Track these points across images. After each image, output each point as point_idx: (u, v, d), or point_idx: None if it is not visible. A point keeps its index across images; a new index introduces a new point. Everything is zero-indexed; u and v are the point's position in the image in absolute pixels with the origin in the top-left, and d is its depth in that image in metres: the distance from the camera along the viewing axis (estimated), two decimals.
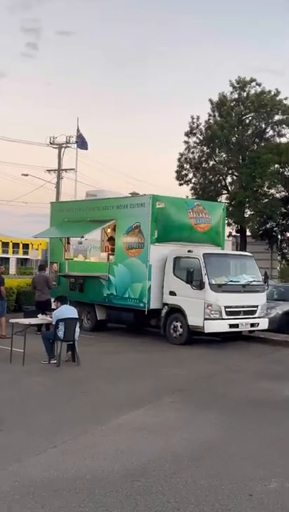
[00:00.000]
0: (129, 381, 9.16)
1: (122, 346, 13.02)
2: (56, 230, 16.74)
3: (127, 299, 14.05)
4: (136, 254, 13.94)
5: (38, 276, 15.41)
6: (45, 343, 10.48)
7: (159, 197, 13.96)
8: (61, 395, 8.15)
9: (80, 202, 17.97)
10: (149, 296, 13.48)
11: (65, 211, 16.91)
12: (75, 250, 18.30)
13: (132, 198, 14.89)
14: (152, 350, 12.59)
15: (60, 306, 10.78)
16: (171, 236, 13.94)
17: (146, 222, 13.63)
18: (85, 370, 9.99)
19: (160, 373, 9.92)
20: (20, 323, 11.19)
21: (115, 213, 14.81)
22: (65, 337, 10.28)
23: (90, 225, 15.50)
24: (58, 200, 28.48)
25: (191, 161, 32.60)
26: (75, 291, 15.52)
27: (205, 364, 11.05)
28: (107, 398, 7.99)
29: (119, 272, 14.33)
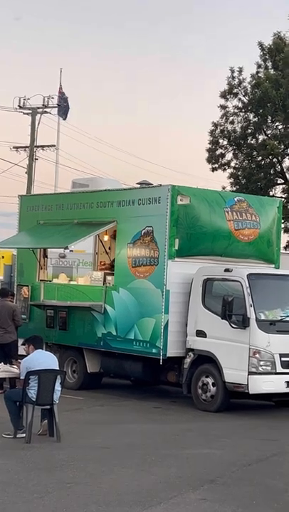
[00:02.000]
0: (136, 466, 9.13)
1: (124, 413, 13.00)
2: (27, 238, 16.85)
3: (132, 341, 14.06)
4: (146, 274, 13.99)
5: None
6: (9, 407, 10.47)
7: (183, 188, 14.01)
8: (32, 486, 8.11)
9: (62, 195, 18.12)
10: (165, 338, 13.50)
11: (41, 209, 17.03)
12: (55, 268, 18.39)
13: (141, 191, 14.97)
14: (170, 419, 12.57)
15: (32, 352, 10.79)
16: (200, 247, 14.00)
17: (162, 227, 13.71)
18: (69, 449, 9.97)
19: (182, 455, 9.89)
20: None
21: (115, 212, 14.89)
22: (38, 399, 10.28)
23: (78, 231, 15.59)
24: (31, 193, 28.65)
25: (230, 134, 32.74)
26: (54, 329, 15.56)
27: (250, 442, 11.00)
28: (102, 492, 7.94)
29: (121, 301, 14.37)
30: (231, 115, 32.80)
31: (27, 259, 16.93)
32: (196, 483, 8.42)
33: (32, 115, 34.33)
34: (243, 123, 32.76)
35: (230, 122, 32.83)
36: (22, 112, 34.41)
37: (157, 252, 13.75)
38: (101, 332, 14.67)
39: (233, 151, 33.01)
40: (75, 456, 9.63)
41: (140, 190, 15.21)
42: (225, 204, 14.54)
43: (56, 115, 33.93)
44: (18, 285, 17.00)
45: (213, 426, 12.06)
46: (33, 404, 10.32)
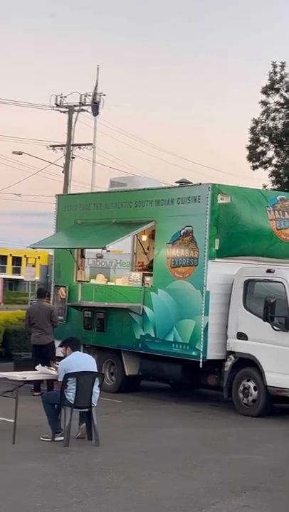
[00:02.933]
0: (176, 471, 9.13)
1: (163, 417, 13.00)
2: (65, 238, 16.93)
3: (171, 343, 14.06)
4: (186, 275, 13.99)
5: (36, 308, 15.56)
6: (46, 409, 10.54)
7: (223, 187, 13.99)
8: (71, 490, 8.15)
9: (100, 195, 18.19)
10: (205, 341, 13.50)
11: (79, 208, 17.10)
12: (93, 268, 18.46)
13: (181, 190, 14.97)
14: (211, 423, 12.56)
15: (70, 354, 10.84)
16: (241, 248, 13.98)
17: (202, 226, 13.70)
18: (108, 453, 10.01)
19: (223, 460, 9.87)
20: (9, 378, 11.30)
21: (154, 212, 14.91)
22: (77, 401, 10.34)
23: (116, 230, 15.63)
24: (68, 192, 28.79)
25: (272, 131, 32.61)
26: (91, 330, 15.62)
27: None
28: (142, 497, 7.95)
29: (160, 303, 14.38)
30: (273, 111, 32.72)
31: (64, 259, 17.01)
32: (238, 489, 8.40)
33: (69, 113, 34.44)
34: (285, 119, 32.62)
35: (272, 119, 32.76)
36: (59, 110, 34.58)
37: (197, 252, 13.74)
38: (139, 334, 14.70)
39: (274, 148, 32.88)
40: (113, 459, 9.67)
41: (180, 189, 15.20)
42: (267, 203, 14.48)
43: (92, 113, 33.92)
44: (56, 286, 17.08)
45: (255, 431, 12.02)
46: (72, 407, 10.37)
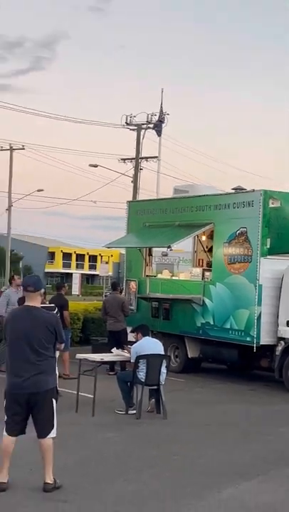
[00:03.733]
0: (234, 442, 9.07)
1: (222, 394, 12.93)
2: (135, 238, 16.98)
3: (228, 330, 13.98)
4: (241, 270, 13.88)
5: (110, 299, 15.64)
6: (121, 386, 10.60)
7: (274, 193, 13.83)
8: (143, 457, 8.17)
9: (165, 201, 18.15)
10: (258, 328, 13.36)
11: (146, 213, 17.12)
12: (159, 265, 18.45)
13: (236, 195, 14.82)
14: (264, 401, 12.43)
15: (140, 339, 10.87)
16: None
17: (255, 228, 13.56)
18: (174, 425, 9.98)
19: (278, 432, 9.77)
20: (89, 359, 11.39)
21: (213, 215, 14.82)
22: (147, 380, 10.34)
23: (179, 232, 15.60)
24: (136, 199, 28.89)
25: None
26: (158, 318, 15.63)
27: None
28: (203, 464, 7.93)
29: (218, 294, 14.30)
30: None
31: (134, 257, 17.08)
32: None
33: (137, 131, 34.58)
34: None
35: None
36: (128, 128, 34.72)
37: (250, 250, 13.62)
38: (200, 322, 14.65)
39: None
40: (179, 431, 9.65)
41: (235, 194, 15.05)
42: None
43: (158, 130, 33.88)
44: (127, 280, 17.14)
45: None
46: (142, 385, 10.40)
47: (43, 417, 6.65)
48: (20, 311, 7.06)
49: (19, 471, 6.81)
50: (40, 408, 6.63)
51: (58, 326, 6.85)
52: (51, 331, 6.70)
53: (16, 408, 6.63)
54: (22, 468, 6.91)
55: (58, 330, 6.78)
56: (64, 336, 7.28)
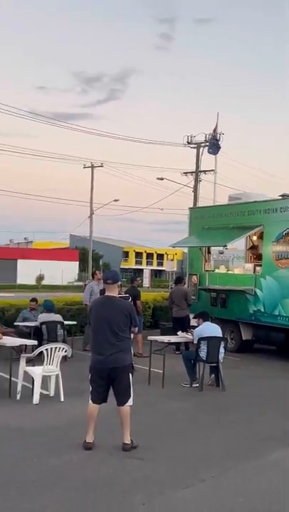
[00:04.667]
0: (284, 411, 8.91)
1: (272, 371, 12.75)
2: (196, 239, 16.89)
3: (276, 316, 13.76)
4: (287, 265, 13.64)
5: (175, 290, 15.61)
6: (185, 363, 10.58)
7: None
8: (205, 423, 8.15)
9: (221, 207, 17.95)
10: None
11: (205, 217, 17.01)
12: (216, 261, 18.34)
13: (283, 201, 14.53)
14: None
15: (201, 324, 10.82)
16: None
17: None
18: (231, 397, 9.91)
19: None
20: (158, 340, 11.42)
21: (262, 218, 14.61)
22: (208, 358, 10.30)
23: (233, 233, 15.43)
24: (196, 206, 28.77)
25: None
26: (216, 306, 15.52)
27: None
28: (256, 430, 7.84)
29: (268, 286, 14.10)
30: None
31: (195, 255, 17.02)
32: None
33: (197, 149, 34.45)
34: None
35: None
36: (189, 146, 34.63)
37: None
38: (252, 309, 14.47)
39: None
40: (236, 402, 9.57)
41: (282, 200, 14.74)
42: None
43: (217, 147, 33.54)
44: (189, 274, 17.09)
45: None
46: (204, 362, 10.36)
47: (122, 388, 6.71)
48: (102, 300, 7.15)
49: (103, 433, 6.89)
50: (119, 381, 6.70)
51: (133, 312, 6.90)
52: (127, 317, 6.76)
53: (99, 381, 6.72)
54: (105, 431, 6.98)
55: (132, 315, 6.83)
56: (137, 321, 7.34)
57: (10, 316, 14.30)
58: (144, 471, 6.03)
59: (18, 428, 7.55)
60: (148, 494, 5.38)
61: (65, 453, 6.52)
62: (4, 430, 7.42)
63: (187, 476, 5.90)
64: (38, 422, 7.89)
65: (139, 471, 6.02)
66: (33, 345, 10.52)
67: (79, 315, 15.39)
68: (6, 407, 8.72)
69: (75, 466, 6.16)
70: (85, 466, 6.22)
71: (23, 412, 8.41)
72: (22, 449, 6.68)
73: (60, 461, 6.27)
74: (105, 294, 7.03)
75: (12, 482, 5.59)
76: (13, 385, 9.34)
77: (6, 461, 6.23)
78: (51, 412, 8.50)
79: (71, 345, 11.75)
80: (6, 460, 6.25)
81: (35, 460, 6.27)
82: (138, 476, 5.86)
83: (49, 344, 9.59)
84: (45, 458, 6.35)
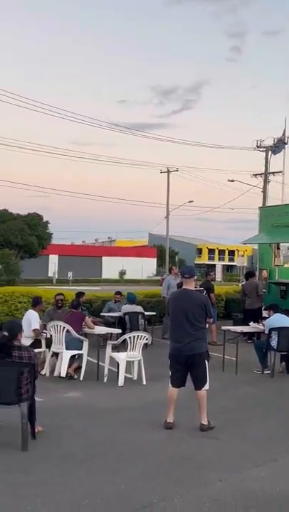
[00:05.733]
0: None
1: None
2: (265, 236, 16.58)
3: None
4: None
5: (247, 284, 15.37)
6: (257, 352, 10.41)
7: None
8: (276, 407, 7.99)
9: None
10: None
11: (275, 216, 16.64)
12: (285, 256, 17.90)
13: None
14: None
15: (272, 315, 10.60)
16: None
17: None
18: None
19: None
20: (232, 330, 11.30)
21: None
22: (278, 347, 10.07)
23: None
24: (266, 205, 28.20)
25: None
26: (286, 299, 15.15)
27: None
28: None
29: None
30: None
31: (266, 250, 16.72)
32: None
33: (265, 152, 33.71)
34: None
35: None
36: (258, 150, 33.96)
37: None
38: None
39: None
40: None
41: None
42: None
43: (283, 149, 32.71)
44: (260, 269, 16.80)
45: None
46: (275, 351, 10.14)
47: (198, 373, 6.69)
48: (180, 293, 7.15)
49: (182, 415, 6.90)
50: (196, 367, 6.68)
51: (208, 304, 6.86)
52: (202, 308, 6.73)
53: (177, 366, 6.74)
54: (184, 413, 6.98)
55: (207, 307, 6.79)
56: (212, 312, 7.30)
57: (97, 307, 14.57)
58: (220, 450, 5.99)
59: (105, 408, 7.69)
60: (223, 472, 5.35)
61: (148, 431, 6.58)
62: (93, 409, 7.58)
63: (260, 456, 5.81)
64: (123, 403, 8.01)
65: (215, 450, 5.99)
66: (117, 333, 10.69)
67: (158, 306, 15.45)
68: (94, 388, 8.91)
69: (156, 444, 6.20)
70: (165, 443, 6.26)
71: (109, 394, 8.57)
72: (109, 426, 6.80)
73: (143, 438, 6.33)
74: (183, 288, 7.03)
75: (99, 456, 5.70)
76: (101, 369, 9.53)
77: (94, 437, 6.36)
78: (135, 393, 8.60)
79: (151, 333, 11.81)
80: (94, 437, 6.38)
81: (120, 437, 6.37)
82: (214, 455, 5.83)
83: (132, 332, 9.70)
84: (130, 435, 6.44)
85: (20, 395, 5.88)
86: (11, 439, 5.96)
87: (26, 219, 49.58)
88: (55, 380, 9.29)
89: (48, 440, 6.14)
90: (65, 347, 9.49)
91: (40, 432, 6.23)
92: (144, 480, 5.10)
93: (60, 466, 5.40)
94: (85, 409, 7.60)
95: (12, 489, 4.82)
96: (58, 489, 4.84)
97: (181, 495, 4.78)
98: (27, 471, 5.25)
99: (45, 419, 6.52)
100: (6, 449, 5.79)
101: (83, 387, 8.95)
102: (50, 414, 6.98)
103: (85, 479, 5.07)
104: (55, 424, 6.71)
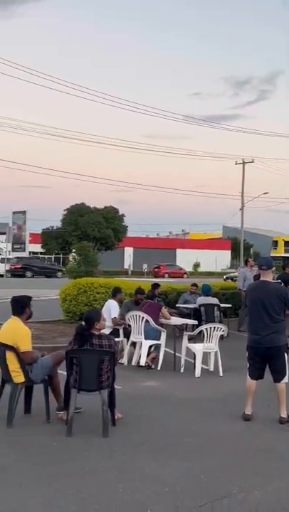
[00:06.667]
0: None
1: None
2: None
3: None
4: None
5: None
6: None
7: None
8: None
9: None
10: None
11: None
12: None
13: None
14: None
15: None
16: None
17: None
18: None
19: None
20: None
21: None
22: None
23: None
24: None
25: None
26: None
27: None
28: None
29: None
30: None
31: None
32: None
33: None
34: None
35: None
36: None
37: None
38: None
39: None
40: None
41: None
42: None
43: None
44: None
45: None
46: None
47: (277, 366, 6.55)
48: (257, 285, 7.01)
49: (260, 407, 6.78)
50: (275, 359, 6.54)
51: (287, 295, 6.67)
52: (281, 300, 6.56)
53: (256, 358, 6.62)
54: (262, 405, 6.86)
55: (286, 299, 6.61)
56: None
57: (172, 298, 14.59)
58: None
59: (182, 398, 7.69)
60: None
61: (226, 422, 6.52)
62: (170, 399, 7.61)
63: None
64: (200, 393, 7.98)
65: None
66: (193, 324, 10.64)
67: (233, 298, 15.26)
68: (171, 378, 8.94)
69: (234, 435, 6.13)
70: (243, 435, 6.17)
71: (186, 384, 8.56)
72: (186, 416, 6.79)
73: (221, 429, 6.28)
74: (260, 279, 6.88)
75: (176, 446, 5.71)
76: (177, 360, 9.54)
77: (171, 426, 6.38)
78: (211, 384, 8.55)
79: (227, 326, 11.68)
80: (171, 426, 6.40)
81: (197, 427, 6.35)
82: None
83: (208, 324, 9.63)
84: (207, 426, 6.41)
85: (101, 382, 5.99)
86: (92, 425, 6.08)
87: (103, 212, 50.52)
88: (133, 369, 9.40)
89: (127, 427, 6.23)
90: (143, 337, 9.57)
91: (119, 418, 6.32)
92: (222, 470, 5.06)
93: (139, 453, 5.46)
94: (163, 398, 7.64)
95: (94, 473, 4.92)
96: (137, 476, 4.89)
97: (261, 486, 4.70)
98: (108, 457, 5.34)
99: (124, 407, 6.62)
100: (88, 434, 5.92)
101: (161, 376, 9.00)
102: (128, 402, 7.08)
103: (163, 467, 5.09)
104: (133, 411, 6.79)
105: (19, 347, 6.20)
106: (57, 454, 5.39)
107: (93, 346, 6.07)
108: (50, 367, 6.46)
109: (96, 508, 4.25)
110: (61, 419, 6.25)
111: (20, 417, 6.34)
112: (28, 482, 4.69)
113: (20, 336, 6.24)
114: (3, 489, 4.56)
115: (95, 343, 6.08)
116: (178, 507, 4.29)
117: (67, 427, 5.88)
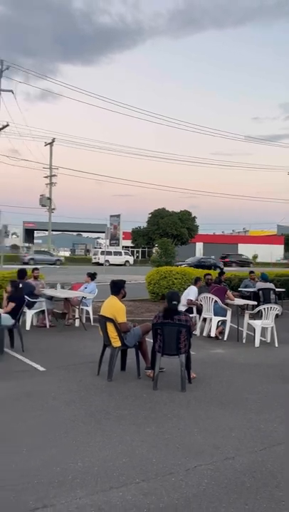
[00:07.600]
0: None
1: None
2: None
3: None
4: None
5: None
6: None
7: None
8: None
9: None
10: None
11: None
12: None
13: None
14: None
15: None
16: None
17: None
18: None
19: None
20: None
21: None
22: None
23: None
24: None
25: None
26: None
27: None
28: None
29: None
30: None
31: None
32: None
33: None
34: None
35: None
36: None
37: None
38: None
39: None
40: None
41: None
42: None
43: None
44: None
45: None
46: None
47: None
48: None
49: None
50: None
51: None
52: None
53: None
54: None
55: None
56: None
57: (234, 284, 14.33)
58: None
59: (245, 363, 7.56)
60: None
61: (281, 383, 6.35)
62: (235, 363, 7.50)
63: None
64: (259, 360, 7.81)
65: None
66: (252, 304, 10.40)
67: (287, 284, 14.76)
68: (235, 347, 8.80)
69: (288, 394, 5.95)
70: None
71: (248, 352, 8.40)
72: (248, 378, 6.67)
73: (276, 389, 6.12)
74: None
75: (240, 401, 5.63)
76: (240, 333, 9.38)
77: (236, 385, 6.29)
78: (269, 353, 8.34)
79: (281, 306, 11.31)
80: (236, 385, 6.32)
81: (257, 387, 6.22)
82: None
83: (265, 304, 9.38)
84: (266, 386, 6.26)
85: (180, 348, 6.02)
86: (173, 382, 6.14)
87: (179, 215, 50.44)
88: (204, 339, 9.35)
89: (200, 384, 6.22)
90: (213, 314, 9.50)
91: (194, 377, 6.33)
92: (279, 422, 4.94)
93: (210, 405, 5.44)
94: (228, 363, 7.55)
95: (175, 419, 4.97)
96: (210, 423, 4.88)
97: None
98: (185, 407, 5.37)
99: (198, 369, 6.61)
100: (170, 389, 5.98)
101: (226, 346, 8.89)
102: (201, 365, 7.07)
103: (229, 417, 5.05)
104: (205, 373, 6.77)
105: (116, 319, 6.36)
106: (146, 403, 5.49)
107: (173, 320, 6.11)
108: (140, 335, 6.57)
109: (177, 447, 4.30)
110: (149, 376, 6.36)
111: (118, 373, 6.52)
112: (127, 423, 4.82)
113: (117, 311, 6.40)
114: (108, 426, 4.72)
115: (176, 318, 6.12)
116: (240, 449, 4.25)
117: (154, 382, 5.97)
